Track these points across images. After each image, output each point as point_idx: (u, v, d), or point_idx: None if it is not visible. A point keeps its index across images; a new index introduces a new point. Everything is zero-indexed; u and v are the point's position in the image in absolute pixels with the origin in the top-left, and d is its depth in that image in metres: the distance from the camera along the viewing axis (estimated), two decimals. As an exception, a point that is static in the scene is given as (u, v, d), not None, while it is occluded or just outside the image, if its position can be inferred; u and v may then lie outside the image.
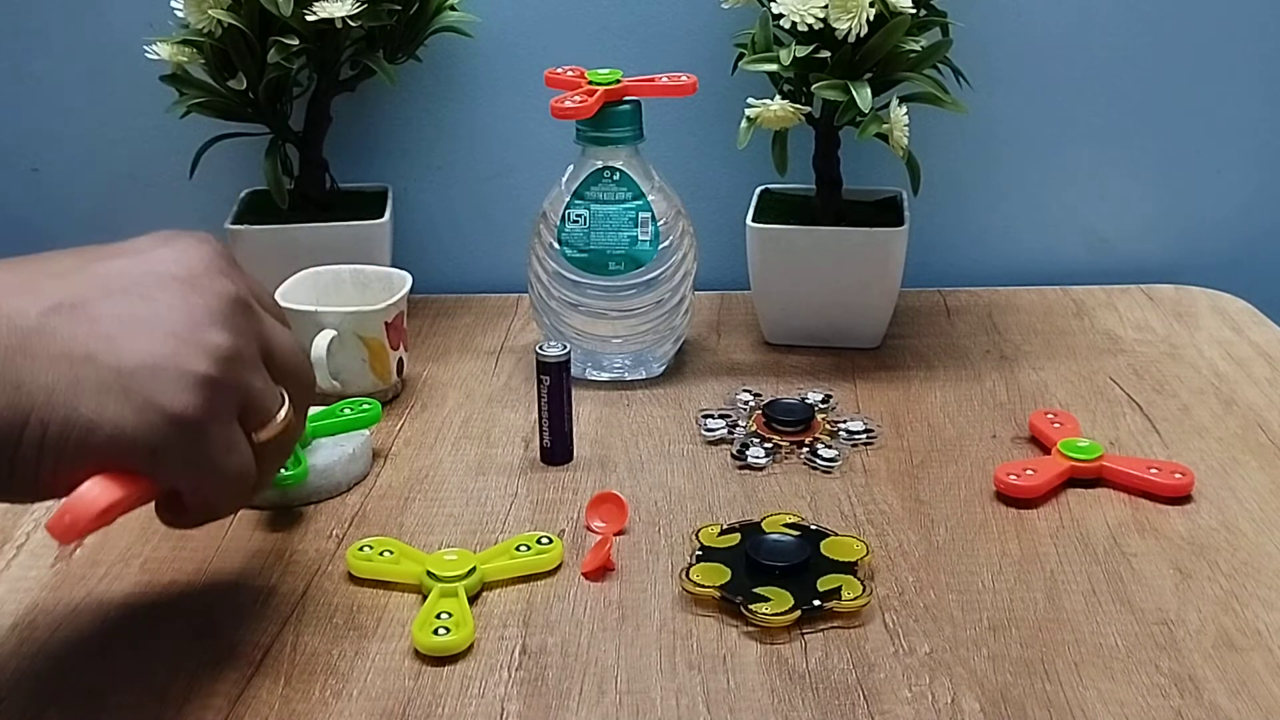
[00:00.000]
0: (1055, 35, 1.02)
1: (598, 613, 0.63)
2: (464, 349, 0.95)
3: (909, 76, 0.87)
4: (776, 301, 0.93)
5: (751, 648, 0.60)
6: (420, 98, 1.04)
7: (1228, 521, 0.70)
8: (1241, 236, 1.08)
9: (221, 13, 0.89)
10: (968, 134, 1.03)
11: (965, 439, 0.80)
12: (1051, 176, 1.06)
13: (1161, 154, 1.06)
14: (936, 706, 0.56)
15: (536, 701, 0.57)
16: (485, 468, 0.78)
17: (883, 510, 0.72)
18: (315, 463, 0.73)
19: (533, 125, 1.02)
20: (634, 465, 0.78)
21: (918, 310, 1.00)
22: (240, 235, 0.94)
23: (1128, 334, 0.96)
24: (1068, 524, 0.71)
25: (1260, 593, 0.64)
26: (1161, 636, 0.61)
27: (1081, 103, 1.04)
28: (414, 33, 0.97)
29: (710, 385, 0.88)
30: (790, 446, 0.79)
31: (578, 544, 0.69)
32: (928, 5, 0.89)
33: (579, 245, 0.86)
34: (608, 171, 0.86)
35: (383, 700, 0.57)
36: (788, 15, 0.84)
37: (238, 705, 0.57)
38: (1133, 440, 0.79)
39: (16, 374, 0.50)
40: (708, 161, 1.04)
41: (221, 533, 0.71)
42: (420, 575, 0.65)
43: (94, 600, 0.65)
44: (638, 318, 0.87)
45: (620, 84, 0.85)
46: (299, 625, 0.63)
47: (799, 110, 0.87)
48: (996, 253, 1.08)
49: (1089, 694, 0.57)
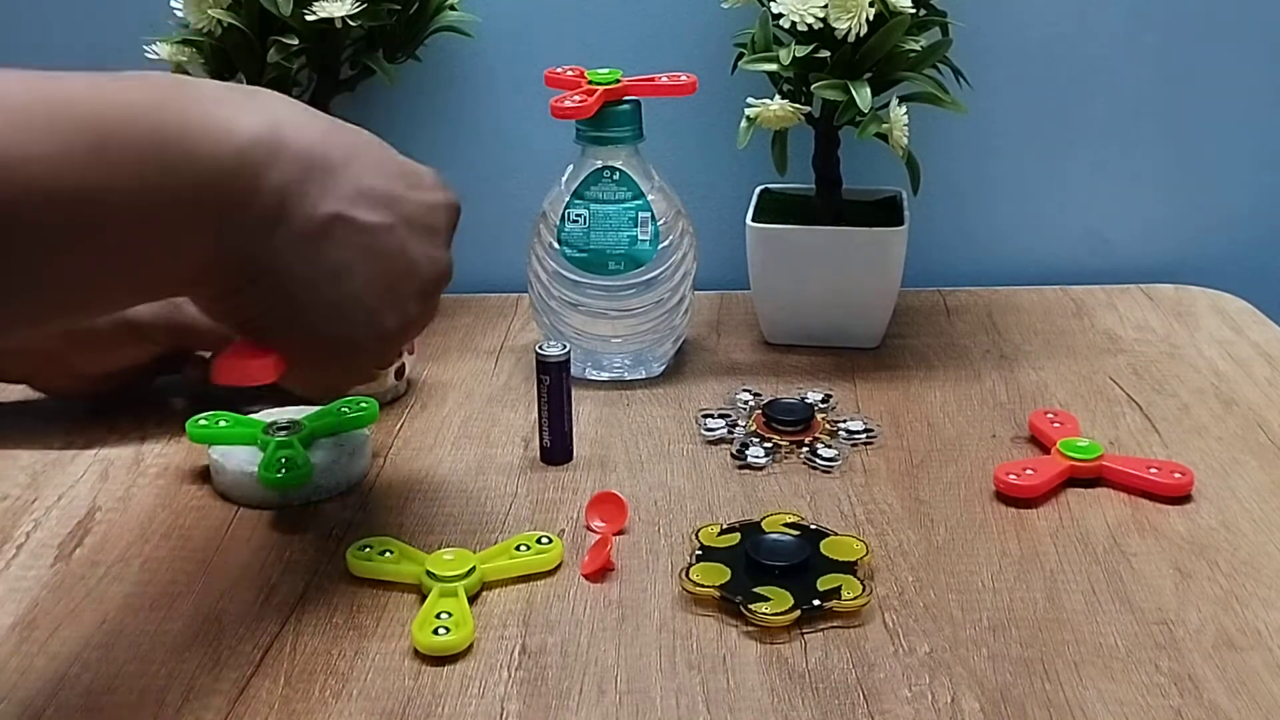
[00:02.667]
0: (1055, 35, 1.02)
1: (597, 612, 0.63)
2: (464, 349, 0.95)
3: (909, 76, 0.87)
4: (776, 301, 0.93)
5: (751, 647, 0.60)
6: (420, 98, 1.04)
7: (1227, 521, 0.70)
8: (1241, 236, 1.08)
9: (221, 12, 0.89)
10: (967, 134, 1.03)
11: (965, 439, 0.80)
12: (1051, 176, 1.06)
13: (1161, 154, 1.06)
14: (936, 706, 0.56)
15: (536, 701, 0.57)
16: (485, 467, 0.78)
17: (882, 510, 0.72)
18: (315, 462, 0.73)
19: (532, 125, 1.02)
20: (634, 465, 0.78)
21: (917, 310, 1.00)
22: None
23: (1127, 334, 0.96)
24: (1067, 524, 0.71)
25: (1260, 592, 0.64)
26: (1161, 636, 0.61)
27: (1081, 103, 1.04)
28: (414, 32, 0.97)
29: (710, 385, 0.88)
30: (790, 446, 0.79)
31: (577, 544, 0.69)
32: (928, 5, 0.89)
33: (579, 245, 0.86)
34: (607, 171, 0.86)
35: (382, 700, 0.57)
36: (787, 15, 0.84)
37: (238, 705, 0.57)
38: (1132, 440, 0.79)
39: (265, 294, 0.57)
40: (708, 161, 1.04)
41: (221, 532, 0.71)
42: (420, 575, 0.65)
43: (94, 600, 0.65)
44: (637, 317, 0.87)
45: (620, 84, 0.85)
46: (299, 625, 0.63)
47: (799, 110, 0.88)
48: (996, 252, 1.08)
49: (1089, 693, 0.57)
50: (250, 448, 0.75)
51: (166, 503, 0.74)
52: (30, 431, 0.82)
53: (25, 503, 0.74)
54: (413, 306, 0.62)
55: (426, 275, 0.62)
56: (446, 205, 0.64)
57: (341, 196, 0.57)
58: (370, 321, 0.60)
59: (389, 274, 0.60)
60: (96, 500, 0.74)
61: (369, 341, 0.61)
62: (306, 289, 0.57)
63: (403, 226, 0.60)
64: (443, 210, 0.64)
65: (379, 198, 0.59)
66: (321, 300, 0.58)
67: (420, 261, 0.61)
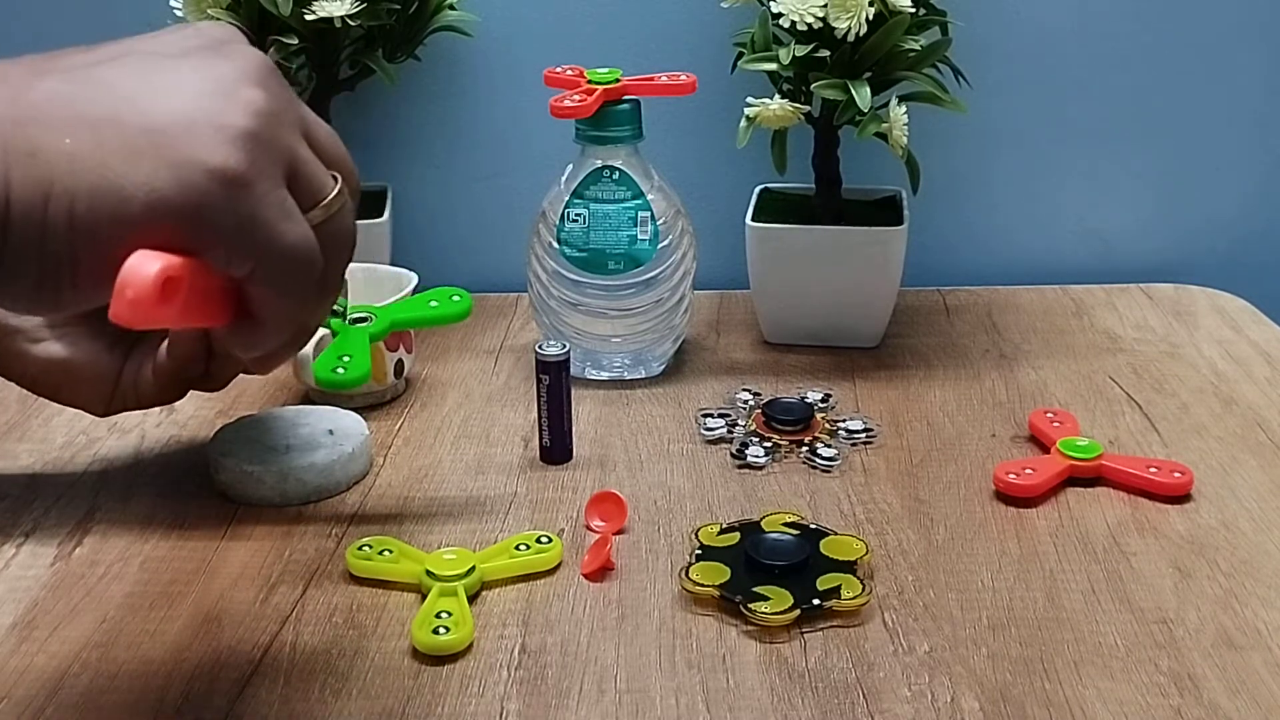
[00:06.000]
0: (1055, 35, 1.02)
1: (597, 612, 0.63)
2: (463, 348, 0.95)
3: (908, 76, 0.87)
4: (776, 301, 0.94)
5: (751, 647, 0.60)
6: (420, 97, 1.04)
7: (1227, 520, 0.70)
8: (1241, 236, 1.08)
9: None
10: (967, 133, 1.03)
11: (965, 438, 0.80)
12: (1051, 176, 1.06)
13: (1161, 153, 1.06)
14: (936, 705, 0.56)
15: (536, 701, 0.57)
16: (484, 467, 0.78)
17: (882, 509, 0.72)
18: (315, 462, 0.73)
19: (532, 124, 1.02)
20: (633, 464, 0.78)
21: (917, 309, 1.00)
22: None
23: (1127, 333, 0.96)
24: (1067, 523, 0.71)
25: (1259, 591, 0.64)
26: (1161, 635, 0.61)
27: (1081, 102, 1.04)
28: (413, 32, 0.97)
29: (710, 384, 0.88)
30: (790, 446, 0.79)
31: (577, 543, 0.69)
32: (927, 5, 0.89)
33: (578, 244, 0.86)
34: (607, 171, 0.86)
35: (382, 699, 0.57)
36: (787, 14, 0.84)
37: (237, 704, 0.57)
38: (1132, 439, 0.79)
39: (30, 141, 0.44)
40: (707, 161, 1.04)
41: (221, 532, 0.71)
42: (419, 574, 0.65)
43: (94, 600, 0.65)
44: (637, 317, 0.87)
45: (620, 83, 0.85)
46: (299, 625, 0.63)
47: (798, 109, 0.88)
48: (996, 252, 1.08)
49: (1088, 693, 0.57)
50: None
51: (166, 503, 0.74)
52: (30, 431, 0.82)
53: (25, 503, 0.74)
54: (248, 93, 0.48)
55: (243, 65, 0.49)
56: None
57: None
58: (206, 111, 0.46)
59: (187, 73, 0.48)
60: (96, 500, 0.74)
61: (217, 140, 0.46)
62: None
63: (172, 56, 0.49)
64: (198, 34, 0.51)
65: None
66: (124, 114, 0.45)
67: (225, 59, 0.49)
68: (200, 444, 0.78)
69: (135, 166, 0.45)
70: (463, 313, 0.73)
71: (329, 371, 0.68)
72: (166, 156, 0.45)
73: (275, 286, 0.49)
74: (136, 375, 0.70)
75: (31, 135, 0.44)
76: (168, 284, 0.45)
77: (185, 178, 0.45)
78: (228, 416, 0.78)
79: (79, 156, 0.44)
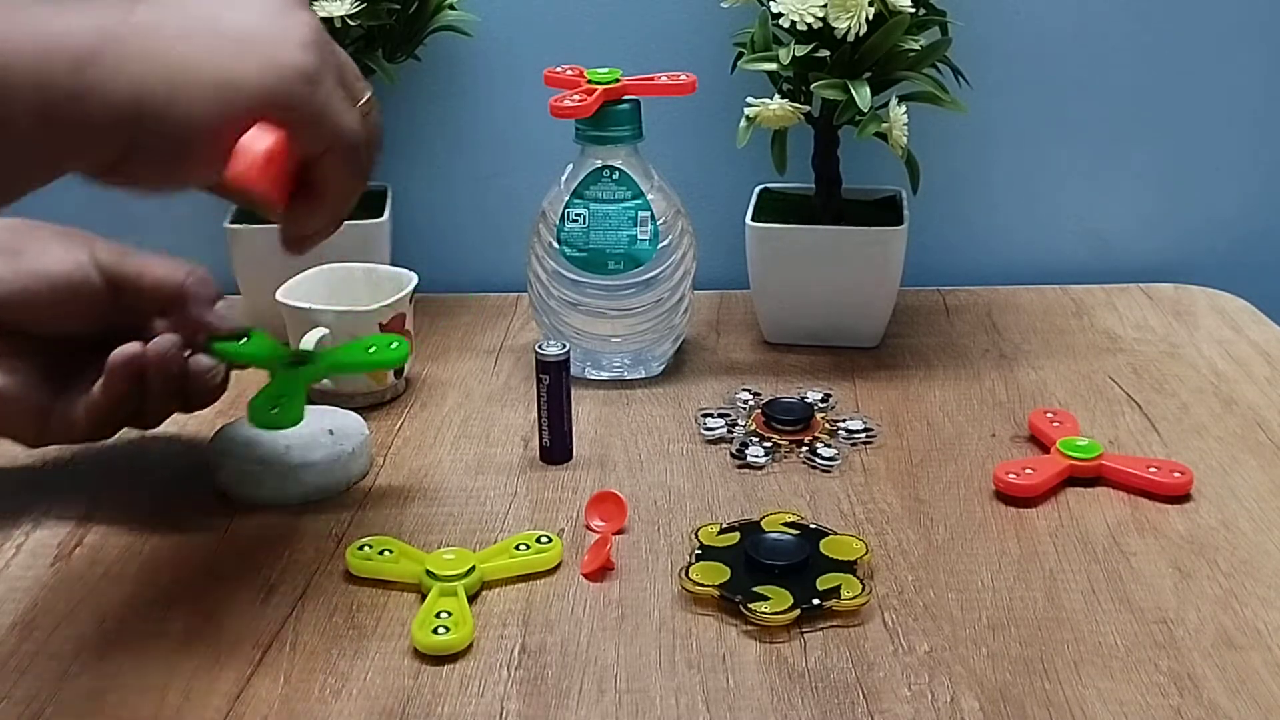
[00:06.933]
0: (1055, 35, 1.02)
1: (597, 612, 0.63)
2: (463, 348, 0.95)
3: (908, 76, 0.87)
4: (776, 301, 0.94)
5: (751, 647, 0.60)
6: (420, 97, 1.04)
7: (1227, 520, 0.70)
8: (1241, 236, 1.08)
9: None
10: (967, 133, 1.03)
11: (964, 438, 0.80)
12: (1051, 175, 1.06)
13: (1161, 153, 1.06)
14: (936, 705, 0.56)
15: (536, 700, 0.57)
16: (484, 467, 0.78)
17: (882, 509, 0.72)
18: (315, 461, 0.73)
19: (532, 124, 1.02)
20: (633, 464, 0.78)
21: (917, 309, 1.00)
22: (238, 235, 0.94)
23: (1127, 333, 0.96)
24: (1067, 523, 0.71)
25: (1259, 591, 0.64)
26: (1161, 635, 0.61)
27: (1080, 102, 1.04)
28: (413, 32, 0.97)
29: (710, 384, 0.88)
30: (789, 445, 0.79)
31: (577, 543, 0.69)
32: (927, 5, 0.89)
33: (578, 244, 0.86)
34: (607, 171, 0.86)
35: (382, 699, 0.57)
36: (787, 14, 0.84)
37: (237, 704, 0.57)
38: (1132, 439, 0.79)
39: (149, 51, 0.55)
40: (707, 161, 1.04)
41: (221, 532, 0.71)
42: (419, 574, 0.65)
43: (94, 600, 0.65)
44: (637, 317, 0.87)
45: (620, 83, 0.85)
46: (298, 624, 0.63)
47: (798, 109, 0.88)
48: (996, 252, 1.08)
49: (1088, 693, 0.57)
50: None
51: (166, 503, 0.74)
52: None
53: (25, 503, 0.74)
54: (303, 13, 0.60)
55: None
56: None
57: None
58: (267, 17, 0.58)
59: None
60: (96, 500, 0.74)
61: (280, 45, 0.58)
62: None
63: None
64: None
65: None
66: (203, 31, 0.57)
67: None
68: (200, 444, 0.78)
69: (243, 64, 0.56)
70: (399, 359, 0.74)
71: (265, 413, 0.69)
72: (262, 56, 0.57)
73: (339, 159, 0.60)
74: (69, 410, 0.72)
75: (149, 46, 0.55)
76: (272, 153, 0.57)
77: (278, 73, 0.57)
78: (228, 416, 0.78)
79: (191, 59, 0.55)
